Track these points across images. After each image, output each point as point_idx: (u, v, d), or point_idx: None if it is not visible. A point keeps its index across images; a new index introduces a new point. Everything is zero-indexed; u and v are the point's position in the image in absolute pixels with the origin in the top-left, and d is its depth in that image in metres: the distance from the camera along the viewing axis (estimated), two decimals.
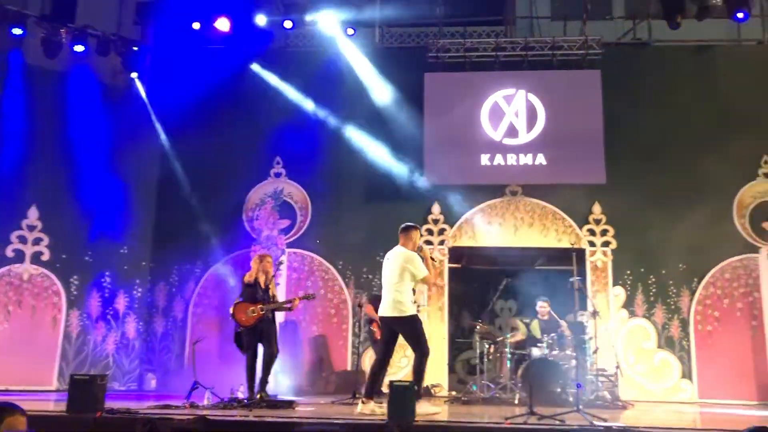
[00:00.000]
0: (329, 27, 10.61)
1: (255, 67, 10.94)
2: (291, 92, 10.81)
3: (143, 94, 10.82)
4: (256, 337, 7.26)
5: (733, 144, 10.12)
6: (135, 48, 10.42)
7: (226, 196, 10.73)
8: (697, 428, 5.92)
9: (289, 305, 7.64)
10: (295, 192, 10.87)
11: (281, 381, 9.23)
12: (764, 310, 9.88)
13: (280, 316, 9.12)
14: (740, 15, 9.85)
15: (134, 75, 10.64)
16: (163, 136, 10.81)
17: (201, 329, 10.20)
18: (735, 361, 9.70)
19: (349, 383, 8.81)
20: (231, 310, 7.29)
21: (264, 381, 7.19)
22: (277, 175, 10.94)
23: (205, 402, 6.58)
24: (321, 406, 7.24)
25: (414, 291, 6.30)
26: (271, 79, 10.90)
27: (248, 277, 7.43)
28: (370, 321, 8.88)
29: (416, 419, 5.21)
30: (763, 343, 9.79)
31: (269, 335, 7.30)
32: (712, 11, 10.07)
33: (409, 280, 6.14)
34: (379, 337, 7.44)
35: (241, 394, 7.11)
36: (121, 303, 10.37)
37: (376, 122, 10.63)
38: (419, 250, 6.30)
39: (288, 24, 10.41)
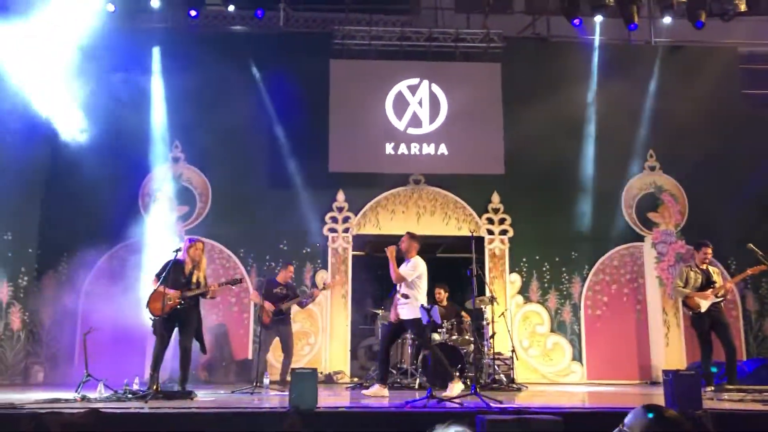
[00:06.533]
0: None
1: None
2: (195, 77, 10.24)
3: None
4: (171, 325, 6.79)
5: (623, 137, 10.73)
6: None
7: (121, 180, 10.10)
8: (584, 407, 6.22)
9: (207, 292, 6.90)
10: (194, 177, 10.53)
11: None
12: (647, 295, 10.55)
13: None
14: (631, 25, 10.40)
15: None
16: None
17: (93, 319, 9.66)
18: (620, 344, 10.31)
19: (250, 372, 8.66)
20: (147, 298, 6.81)
21: (182, 378, 6.77)
22: (176, 159, 10.55)
23: (98, 394, 6.28)
24: (221, 396, 7.08)
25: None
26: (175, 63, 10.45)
27: (176, 263, 6.77)
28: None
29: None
30: (645, 326, 10.46)
31: (186, 325, 6.82)
32: (605, 10, 10.55)
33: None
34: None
35: (136, 385, 6.81)
36: (3, 292, 9.72)
37: (281, 108, 10.48)
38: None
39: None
